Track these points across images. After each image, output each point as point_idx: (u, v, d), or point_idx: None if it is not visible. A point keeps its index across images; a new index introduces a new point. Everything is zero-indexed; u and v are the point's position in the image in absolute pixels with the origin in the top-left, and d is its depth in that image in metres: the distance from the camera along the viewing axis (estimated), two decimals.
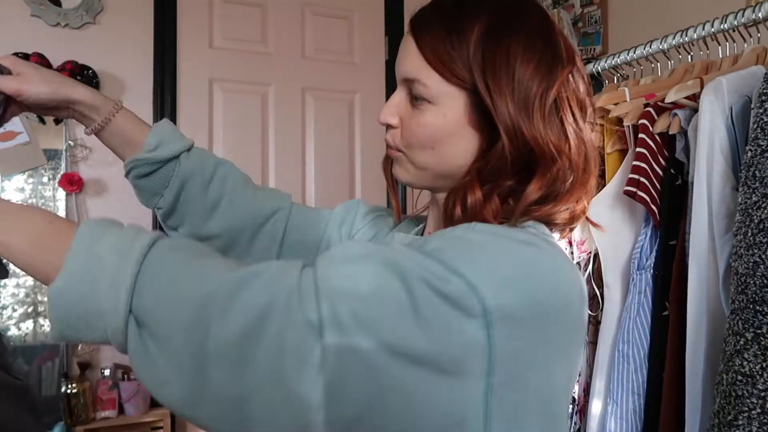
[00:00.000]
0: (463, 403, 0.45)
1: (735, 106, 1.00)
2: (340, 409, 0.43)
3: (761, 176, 0.86)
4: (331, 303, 0.43)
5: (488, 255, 0.48)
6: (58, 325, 0.45)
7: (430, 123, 0.59)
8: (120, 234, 0.47)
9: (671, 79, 1.27)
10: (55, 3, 2.05)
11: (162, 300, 0.44)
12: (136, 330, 0.45)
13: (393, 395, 0.43)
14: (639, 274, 1.15)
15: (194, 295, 0.44)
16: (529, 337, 0.47)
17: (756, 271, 0.85)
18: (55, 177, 2.03)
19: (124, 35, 2.16)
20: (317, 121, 2.46)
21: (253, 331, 0.42)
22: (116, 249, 0.46)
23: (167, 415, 2.04)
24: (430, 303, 0.44)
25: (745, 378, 0.84)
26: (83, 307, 0.45)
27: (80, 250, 0.46)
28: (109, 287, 0.44)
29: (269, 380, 0.42)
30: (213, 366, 0.42)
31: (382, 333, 0.43)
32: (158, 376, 0.44)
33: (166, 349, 0.44)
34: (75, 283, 0.45)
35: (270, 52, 2.40)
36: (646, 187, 1.10)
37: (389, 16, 2.58)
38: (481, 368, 0.45)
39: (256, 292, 0.44)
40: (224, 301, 0.43)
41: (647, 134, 1.12)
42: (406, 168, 0.64)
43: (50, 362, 2.01)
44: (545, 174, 0.56)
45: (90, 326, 0.45)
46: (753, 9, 1.11)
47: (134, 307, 0.44)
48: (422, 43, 0.59)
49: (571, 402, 1.29)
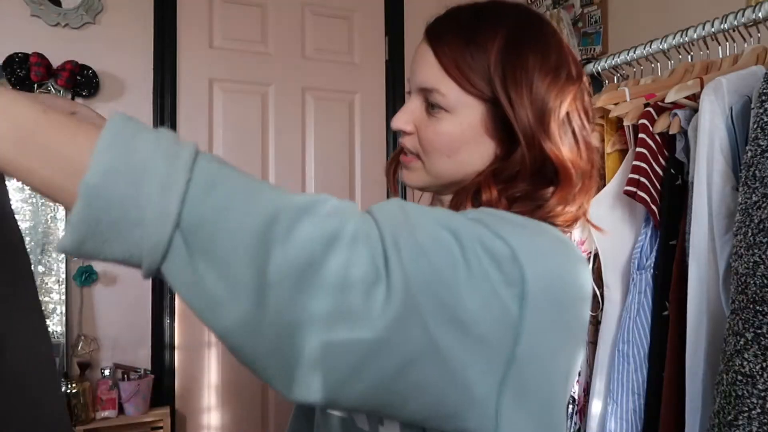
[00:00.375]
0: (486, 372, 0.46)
1: (735, 106, 1.00)
2: (393, 352, 0.41)
3: (761, 176, 0.86)
4: (395, 243, 0.42)
5: (525, 230, 0.51)
6: (81, 231, 0.37)
7: (447, 131, 0.60)
8: (158, 134, 0.40)
9: (671, 79, 1.27)
10: (55, 3, 2.05)
11: (218, 214, 0.38)
12: (183, 246, 0.38)
13: (427, 359, 0.42)
14: (639, 274, 1.15)
15: (255, 212, 0.39)
16: (551, 316, 0.48)
17: (756, 271, 0.85)
18: None
19: (124, 35, 2.16)
20: (317, 121, 2.46)
21: (318, 258, 0.39)
22: (161, 150, 0.38)
23: (167, 415, 2.04)
24: (480, 261, 0.45)
25: (745, 378, 0.84)
26: (121, 211, 0.37)
27: (117, 143, 0.38)
28: (159, 192, 0.37)
29: (329, 311, 0.39)
30: (273, 290, 0.38)
31: (437, 289, 0.43)
32: (209, 298, 0.39)
33: (219, 269, 0.38)
34: (116, 180, 0.37)
35: (270, 52, 2.40)
36: (646, 187, 1.10)
37: (389, 16, 2.58)
38: (509, 339, 0.46)
39: (321, 220, 0.40)
40: (288, 223, 0.39)
41: (647, 134, 1.12)
42: (419, 174, 0.65)
43: None
44: (567, 187, 0.59)
45: (120, 237, 0.37)
46: (753, 9, 1.11)
47: (184, 218, 0.38)
48: (441, 54, 0.60)
49: (571, 402, 1.29)
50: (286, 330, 0.39)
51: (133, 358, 2.12)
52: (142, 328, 2.14)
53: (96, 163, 0.37)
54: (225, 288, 0.38)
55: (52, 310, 2.01)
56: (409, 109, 0.64)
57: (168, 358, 2.17)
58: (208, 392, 2.25)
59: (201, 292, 0.39)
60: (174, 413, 2.16)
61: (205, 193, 0.39)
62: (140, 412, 1.98)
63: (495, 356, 0.46)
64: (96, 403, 1.94)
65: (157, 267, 0.39)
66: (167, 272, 0.39)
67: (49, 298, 2.01)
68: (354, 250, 0.40)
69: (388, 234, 0.42)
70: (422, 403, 0.44)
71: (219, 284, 0.38)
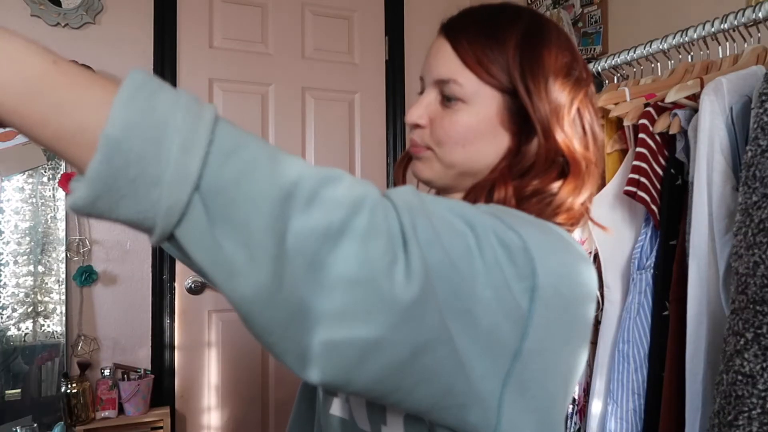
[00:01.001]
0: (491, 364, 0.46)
1: (735, 106, 1.00)
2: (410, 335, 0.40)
3: (761, 176, 0.86)
4: (413, 225, 0.42)
5: (535, 227, 0.51)
6: (97, 187, 0.35)
7: (464, 121, 0.61)
8: (179, 94, 0.38)
9: (671, 79, 1.27)
10: (55, 3, 2.05)
11: (240, 178, 0.37)
12: (202, 209, 0.36)
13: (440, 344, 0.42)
14: (639, 274, 1.15)
15: (277, 178, 0.38)
16: (558, 313, 0.49)
17: (756, 271, 0.84)
18: (55, 177, 2.03)
19: (124, 35, 2.16)
20: (317, 121, 2.46)
21: (339, 227, 0.38)
22: (183, 108, 0.37)
23: (167, 415, 2.04)
24: (494, 251, 0.45)
25: (745, 378, 0.84)
26: (139, 168, 0.35)
27: (138, 97, 0.36)
28: (180, 151, 0.35)
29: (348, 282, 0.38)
30: (293, 257, 0.37)
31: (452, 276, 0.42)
32: (226, 265, 0.37)
33: (238, 235, 0.37)
34: (137, 135, 0.35)
35: (270, 52, 2.40)
36: (646, 187, 1.10)
37: (389, 16, 2.58)
38: (517, 333, 0.46)
39: (343, 189, 0.40)
40: (310, 191, 0.38)
41: (647, 134, 1.12)
42: (431, 166, 0.65)
43: (50, 362, 2.01)
44: (577, 178, 0.60)
45: (137, 196, 0.36)
46: (753, 9, 1.11)
47: (204, 181, 0.36)
48: (458, 46, 0.61)
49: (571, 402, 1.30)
50: (302, 302, 0.38)
51: (133, 358, 2.12)
52: (142, 328, 2.14)
53: (115, 116, 0.35)
54: (243, 255, 0.37)
55: (52, 310, 2.01)
56: (424, 102, 0.64)
57: (168, 358, 2.17)
58: (208, 392, 2.25)
59: (218, 258, 0.37)
60: (174, 413, 2.15)
61: (227, 156, 0.37)
62: (140, 412, 1.98)
63: (502, 349, 0.46)
64: (96, 403, 1.94)
65: (170, 230, 0.37)
66: (182, 236, 0.37)
67: (49, 298, 2.01)
68: (374, 223, 0.39)
69: (406, 215, 0.42)
70: (430, 391, 0.44)
71: (237, 251, 0.37)
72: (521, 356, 0.47)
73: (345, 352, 0.39)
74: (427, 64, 0.64)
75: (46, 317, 2.00)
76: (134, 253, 2.10)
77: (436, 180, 0.66)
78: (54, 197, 2.03)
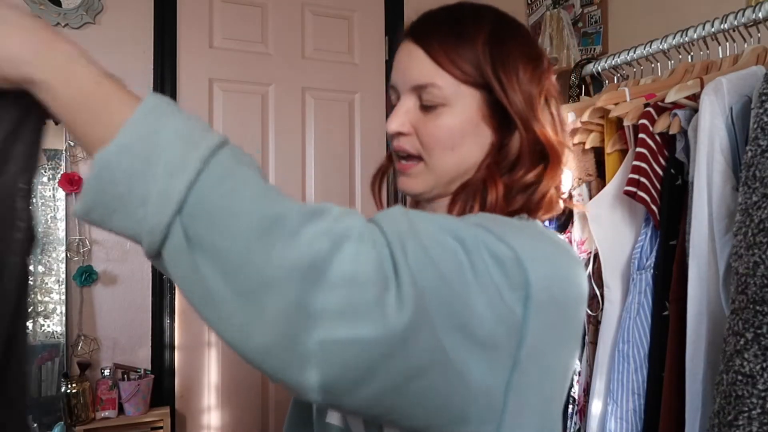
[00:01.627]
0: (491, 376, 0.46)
1: (735, 106, 1.00)
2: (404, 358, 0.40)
3: (761, 176, 0.86)
4: (403, 248, 0.42)
5: (525, 234, 0.52)
6: (90, 199, 0.39)
7: (449, 124, 0.61)
8: (188, 121, 0.41)
9: (671, 79, 1.27)
10: (55, 3, 2.05)
11: (222, 207, 0.38)
12: (182, 232, 0.38)
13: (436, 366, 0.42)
14: (639, 274, 1.15)
15: (261, 211, 0.39)
16: (552, 318, 0.49)
17: (756, 271, 0.84)
18: (55, 177, 2.03)
19: (124, 35, 2.16)
20: (317, 121, 2.46)
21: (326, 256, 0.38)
22: (182, 136, 0.40)
23: (167, 415, 2.04)
24: (486, 265, 0.45)
25: (745, 378, 0.84)
26: (127, 186, 0.38)
27: (141, 124, 0.40)
28: (167, 174, 0.38)
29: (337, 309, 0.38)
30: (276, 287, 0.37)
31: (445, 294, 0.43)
32: (205, 291, 0.38)
33: (218, 262, 0.37)
34: (128, 157, 0.38)
35: (270, 52, 2.40)
36: (646, 187, 1.10)
37: (389, 16, 2.58)
38: (513, 342, 0.46)
39: (329, 222, 0.40)
40: (296, 223, 0.39)
41: (647, 134, 1.12)
42: (423, 179, 0.64)
43: (50, 362, 2.01)
44: (556, 166, 0.62)
45: (126, 212, 0.38)
46: (753, 9, 1.11)
47: (188, 205, 0.38)
48: (430, 49, 0.61)
49: (571, 402, 1.29)
50: (289, 329, 0.38)
51: (133, 358, 2.12)
52: (142, 328, 2.14)
53: (118, 137, 0.39)
54: (222, 282, 0.37)
55: (52, 310, 2.01)
56: (403, 110, 0.63)
57: (168, 358, 2.17)
58: (208, 392, 2.25)
59: (195, 283, 0.38)
60: (174, 413, 2.15)
61: (214, 186, 0.38)
62: (140, 412, 1.98)
63: (500, 360, 0.46)
64: (96, 403, 1.94)
65: (156, 249, 0.39)
66: (166, 258, 0.39)
67: (49, 298, 2.01)
68: (362, 251, 0.39)
69: (395, 240, 0.42)
70: (427, 409, 0.43)
71: (216, 278, 0.37)
72: (520, 364, 0.47)
73: (338, 383, 0.39)
74: (400, 71, 0.64)
75: (46, 317, 2.00)
76: (134, 253, 2.09)
77: (428, 192, 0.65)
78: (54, 197, 2.03)
